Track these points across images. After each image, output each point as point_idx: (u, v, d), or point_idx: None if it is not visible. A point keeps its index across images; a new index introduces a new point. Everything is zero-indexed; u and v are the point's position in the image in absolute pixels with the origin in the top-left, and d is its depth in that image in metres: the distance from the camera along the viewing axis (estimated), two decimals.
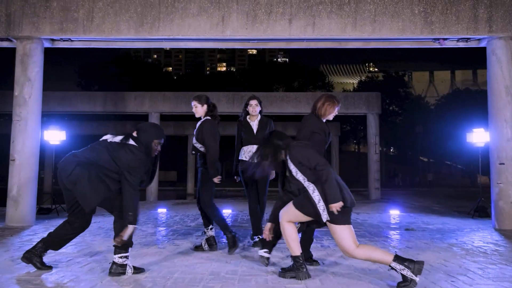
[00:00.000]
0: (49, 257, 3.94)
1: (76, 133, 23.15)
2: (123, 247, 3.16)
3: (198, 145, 4.27)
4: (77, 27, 6.71)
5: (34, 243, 4.77)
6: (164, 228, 6.29)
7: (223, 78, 30.17)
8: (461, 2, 6.58)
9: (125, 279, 3.17)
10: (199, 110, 4.36)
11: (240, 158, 4.73)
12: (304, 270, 3.15)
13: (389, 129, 34.53)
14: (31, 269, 3.48)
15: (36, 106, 6.82)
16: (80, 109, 14.88)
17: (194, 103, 4.40)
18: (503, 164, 6.52)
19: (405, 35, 6.61)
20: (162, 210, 8.93)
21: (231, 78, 30.33)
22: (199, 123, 4.38)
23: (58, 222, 7.00)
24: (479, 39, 6.86)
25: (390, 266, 2.96)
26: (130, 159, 3.14)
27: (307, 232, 3.64)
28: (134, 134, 3.34)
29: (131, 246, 3.22)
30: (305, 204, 3.06)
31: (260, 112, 4.86)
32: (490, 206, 6.85)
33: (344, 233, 3.02)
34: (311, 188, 3.05)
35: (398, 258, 2.96)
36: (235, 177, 4.84)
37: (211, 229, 4.39)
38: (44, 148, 11.10)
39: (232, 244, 4.10)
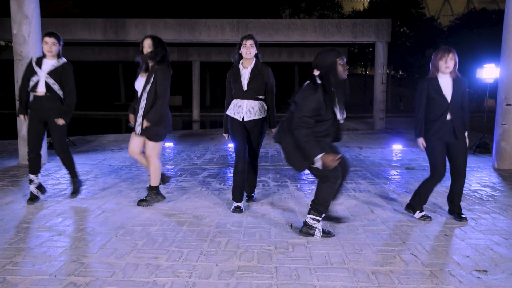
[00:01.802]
0: (65, 205, 4.18)
1: (79, 59, 22.79)
2: (317, 211, 3.25)
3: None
4: None
5: (49, 185, 5.03)
6: (172, 167, 6.50)
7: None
8: None
9: (138, 232, 3.39)
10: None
11: (228, 113, 4.06)
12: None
13: (398, 52, 33.52)
14: (49, 218, 3.72)
15: (36, 43, 6.66)
16: (80, 37, 14.48)
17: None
18: (510, 105, 6.47)
19: None
20: (169, 144, 9.14)
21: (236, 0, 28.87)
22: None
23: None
24: None
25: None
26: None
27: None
28: (316, 72, 3.21)
29: (324, 213, 3.32)
30: None
31: (257, 56, 4.03)
32: (492, 143, 6.92)
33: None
34: None
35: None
36: (224, 134, 4.21)
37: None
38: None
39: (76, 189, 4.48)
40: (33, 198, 4.29)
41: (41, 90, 4.12)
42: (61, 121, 4.17)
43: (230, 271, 2.65)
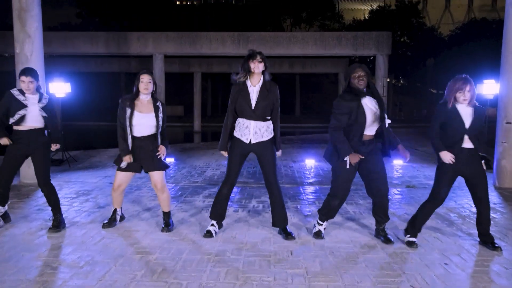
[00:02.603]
0: (65, 230, 4.18)
1: (80, 70, 22.94)
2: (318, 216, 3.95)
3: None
4: None
5: (47, 208, 5.03)
6: (172, 186, 6.51)
7: (228, 10, 28.92)
8: None
9: (137, 261, 3.39)
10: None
11: (235, 134, 3.88)
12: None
13: (399, 61, 33.63)
14: (49, 245, 3.73)
15: (39, 62, 6.73)
16: (83, 50, 14.60)
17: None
18: (510, 123, 6.48)
19: None
20: (170, 160, 9.15)
21: (237, 10, 29.07)
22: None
23: (70, 176, 7.33)
24: None
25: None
26: None
27: None
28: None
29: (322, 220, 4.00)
30: None
31: (263, 73, 3.83)
32: (492, 158, 6.92)
33: None
34: None
35: None
36: (221, 152, 3.97)
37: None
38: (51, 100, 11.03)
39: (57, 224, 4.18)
40: None
41: (29, 124, 4.08)
42: (54, 147, 4.23)
43: None
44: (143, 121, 3.97)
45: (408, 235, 3.86)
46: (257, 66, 3.76)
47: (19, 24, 6.56)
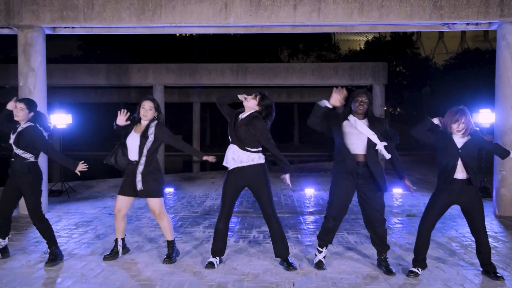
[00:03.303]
0: (65, 263, 4.15)
1: (81, 101, 23.17)
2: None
3: None
4: (77, 15, 6.58)
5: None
6: (172, 216, 6.48)
7: (226, 42, 29.56)
8: None
9: None
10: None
11: (224, 163, 3.99)
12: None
13: (395, 90, 34.15)
14: (48, 279, 3.69)
15: (41, 95, 6.83)
16: (84, 82, 14.82)
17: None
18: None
19: (413, 20, 6.44)
20: (169, 190, 9.13)
21: (235, 42, 29.72)
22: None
23: (70, 207, 7.31)
24: (489, 23, 6.66)
25: None
26: None
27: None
28: None
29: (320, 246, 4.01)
30: None
31: (260, 112, 3.97)
32: (491, 187, 6.94)
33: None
34: None
35: None
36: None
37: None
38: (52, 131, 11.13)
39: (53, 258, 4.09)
40: None
41: (13, 156, 4.06)
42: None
43: None
44: (130, 142, 4.01)
45: (415, 268, 3.84)
46: (246, 101, 3.94)
47: (23, 58, 6.70)
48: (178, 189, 9.51)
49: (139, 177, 3.97)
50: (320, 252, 4.01)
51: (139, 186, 3.96)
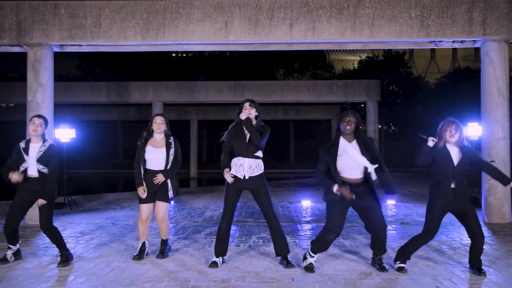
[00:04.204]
0: (75, 264, 4.37)
1: (80, 119, 23.44)
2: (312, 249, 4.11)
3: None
4: (85, 34, 6.95)
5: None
6: (173, 225, 6.71)
7: (224, 60, 30.21)
8: (456, 5, 6.79)
9: None
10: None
11: (232, 172, 4.23)
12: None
13: (389, 108, 34.79)
14: (61, 277, 3.91)
15: (49, 110, 7.14)
16: (84, 99, 15.15)
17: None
18: (493, 161, 6.86)
19: (402, 38, 6.85)
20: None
21: (231, 61, 30.38)
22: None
23: (73, 218, 7.51)
24: (474, 41, 7.10)
25: None
26: None
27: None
28: None
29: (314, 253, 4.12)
30: None
31: (257, 118, 4.31)
32: (480, 196, 7.24)
33: None
34: None
35: None
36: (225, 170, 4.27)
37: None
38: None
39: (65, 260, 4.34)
40: (2, 260, 4.35)
41: (32, 173, 4.27)
42: (41, 202, 4.23)
43: None
44: (154, 155, 4.43)
45: (398, 262, 4.10)
46: (249, 113, 4.23)
47: (32, 74, 7.03)
48: (178, 202, 9.73)
49: (169, 184, 4.49)
50: (312, 257, 4.18)
51: (171, 193, 4.49)
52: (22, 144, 4.37)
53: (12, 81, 16.00)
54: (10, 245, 4.44)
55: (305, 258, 4.21)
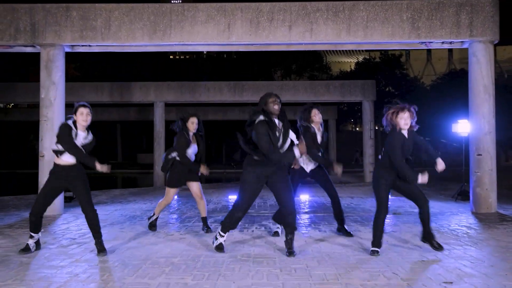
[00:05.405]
0: (92, 245, 4.77)
1: None
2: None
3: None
4: (95, 35, 7.36)
5: (73, 230, 5.60)
6: (178, 215, 7.10)
7: (223, 62, 30.67)
8: (445, 8, 7.24)
9: (163, 262, 4.00)
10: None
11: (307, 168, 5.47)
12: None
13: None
14: (83, 253, 4.31)
15: (61, 106, 7.55)
16: (88, 99, 15.49)
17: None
18: (480, 155, 7.31)
19: (394, 39, 7.30)
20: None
21: (231, 62, 30.85)
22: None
23: None
24: (461, 42, 7.55)
25: None
26: None
27: None
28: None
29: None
30: None
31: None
32: (468, 188, 7.67)
33: None
34: None
35: None
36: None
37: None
38: None
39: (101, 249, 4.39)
40: (25, 250, 4.43)
41: (70, 160, 4.27)
42: (104, 168, 4.34)
43: (246, 286, 3.26)
44: (193, 149, 5.43)
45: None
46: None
47: (45, 72, 7.43)
48: (180, 196, 10.12)
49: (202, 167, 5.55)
50: (222, 236, 4.38)
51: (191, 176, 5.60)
52: (71, 123, 4.23)
53: (17, 82, 16.35)
54: (32, 234, 4.49)
55: (216, 239, 4.40)
